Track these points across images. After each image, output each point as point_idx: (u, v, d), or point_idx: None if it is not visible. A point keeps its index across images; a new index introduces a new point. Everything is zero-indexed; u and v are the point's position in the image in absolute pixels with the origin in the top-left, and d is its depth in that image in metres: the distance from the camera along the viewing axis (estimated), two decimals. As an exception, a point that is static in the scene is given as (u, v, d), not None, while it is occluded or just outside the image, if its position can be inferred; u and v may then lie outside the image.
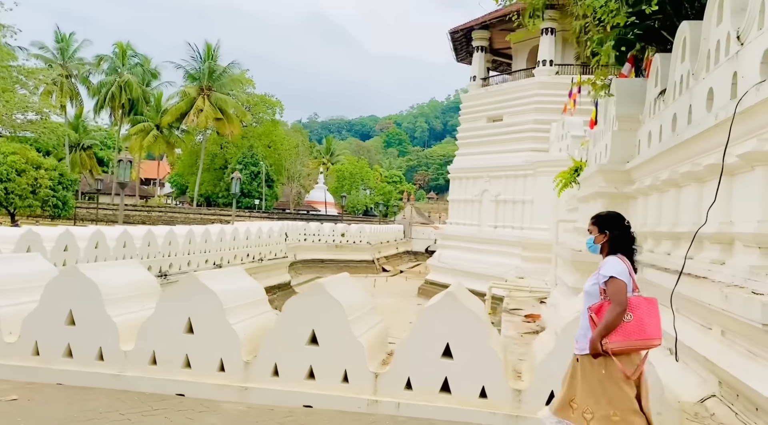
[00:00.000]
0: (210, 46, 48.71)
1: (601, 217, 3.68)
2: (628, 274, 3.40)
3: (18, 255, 7.71)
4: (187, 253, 15.63)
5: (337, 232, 35.32)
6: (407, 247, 47.70)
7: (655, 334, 3.29)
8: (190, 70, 48.66)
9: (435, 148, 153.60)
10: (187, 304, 4.57)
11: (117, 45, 48.90)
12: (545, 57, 23.16)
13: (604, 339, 3.23)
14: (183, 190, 73.45)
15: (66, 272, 4.94)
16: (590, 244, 3.68)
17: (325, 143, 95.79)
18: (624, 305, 3.27)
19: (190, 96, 47.07)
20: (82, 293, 4.73)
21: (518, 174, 22.72)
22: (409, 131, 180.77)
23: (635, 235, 3.67)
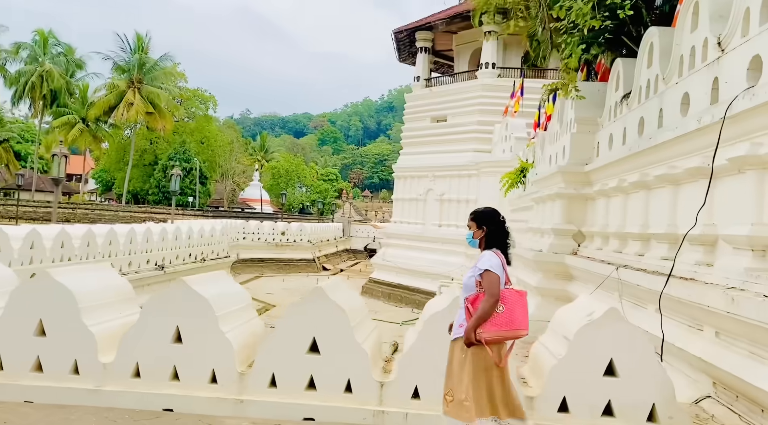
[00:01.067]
0: (140, 37, 46.57)
1: (480, 213, 3.81)
2: (502, 268, 3.56)
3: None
4: (128, 253, 14.83)
5: (278, 230, 34.68)
6: (346, 245, 47.52)
7: (523, 325, 3.47)
8: (119, 61, 46.32)
9: (370, 147, 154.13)
10: (176, 311, 4.26)
11: (38, 32, 45.80)
12: (488, 60, 23.63)
13: (478, 329, 3.38)
14: (109, 186, 69.99)
15: (35, 277, 4.49)
16: (469, 239, 3.81)
17: (259, 140, 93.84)
18: (497, 297, 3.43)
19: (119, 89, 44.82)
20: (53, 301, 4.32)
21: (462, 174, 23.06)
22: (344, 130, 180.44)
23: (509, 230, 3.82)
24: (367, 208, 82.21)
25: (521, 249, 12.03)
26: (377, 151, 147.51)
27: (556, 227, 9.39)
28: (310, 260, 36.03)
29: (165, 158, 56.87)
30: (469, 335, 3.43)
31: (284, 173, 76.80)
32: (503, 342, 3.50)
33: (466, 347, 3.45)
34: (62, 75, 44.97)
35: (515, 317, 3.45)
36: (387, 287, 24.97)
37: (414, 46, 28.05)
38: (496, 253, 3.61)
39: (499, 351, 3.46)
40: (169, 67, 50.47)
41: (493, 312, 3.41)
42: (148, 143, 57.71)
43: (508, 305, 3.45)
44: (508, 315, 3.43)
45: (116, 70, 46.75)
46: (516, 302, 3.50)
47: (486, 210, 3.85)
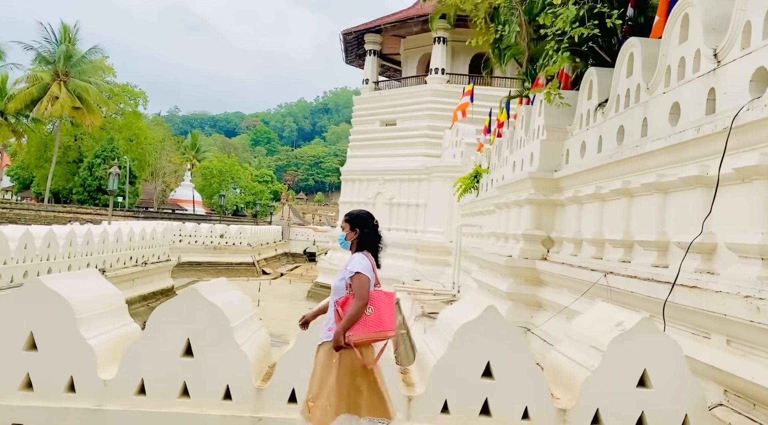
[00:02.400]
0: (67, 28, 43.89)
1: (354, 216, 3.85)
2: (372, 270, 3.60)
3: None
4: (67, 256, 13.87)
5: (216, 233, 33.62)
6: (285, 249, 46.80)
7: (390, 326, 3.52)
8: (44, 52, 43.46)
9: (305, 148, 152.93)
10: (188, 322, 3.93)
11: (-50, 16, 42.24)
12: (438, 65, 23.89)
13: (348, 332, 3.40)
14: (26, 184, 65.71)
15: (25, 285, 4.02)
16: (342, 240, 3.84)
17: (190, 139, 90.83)
18: (366, 300, 3.45)
19: (43, 81, 42.03)
20: (46, 311, 3.89)
21: (413, 178, 23.18)
22: (278, 130, 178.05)
23: (381, 233, 3.88)
24: (304, 211, 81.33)
25: (483, 253, 12.18)
26: (313, 153, 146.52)
27: (526, 233, 9.51)
28: (249, 263, 35.17)
29: (91, 155, 53.91)
30: (338, 338, 3.42)
31: (217, 174, 74.68)
32: (371, 344, 3.52)
33: (335, 350, 3.44)
34: (-23, 64, 41.73)
35: (384, 319, 3.48)
36: (334, 291, 24.70)
37: (361, 49, 27.99)
38: (366, 255, 3.64)
39: (366, 352, 3.47)
40: (98, 60, 47.96)
41: (362, 315, 3.43)
42: (72, 139, 54.55)
43: (377, 307, 3.48)
44: (377, 317, 3.46)
45: (40, 61, 43.87)
46: (384, 304, 3.52)
47: (360, 213, 3.88)
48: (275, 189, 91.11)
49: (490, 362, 4.02)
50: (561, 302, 8.13)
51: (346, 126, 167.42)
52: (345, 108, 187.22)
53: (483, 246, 13.00)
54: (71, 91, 42.05)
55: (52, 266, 13.29)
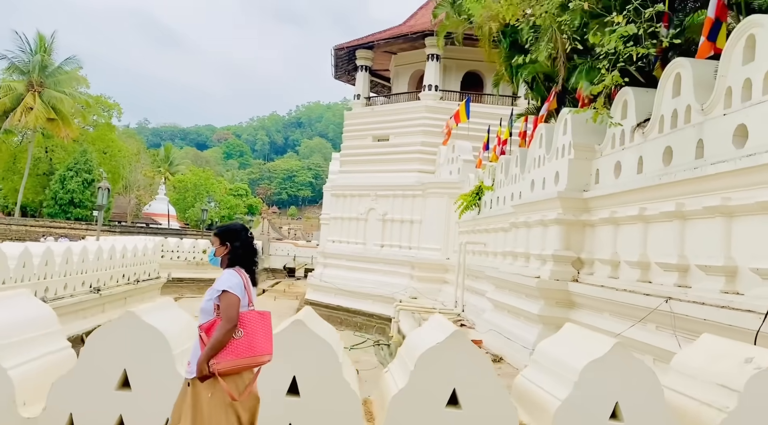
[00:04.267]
0: (43, 38, 42.76)
1: (223, 229, 3.60)
2: (244, 288, 3.31)
3: None
4: (63, 274, 13.28)
5: (199, 248, 32.83)
6: (265, 264, 45.97)
7: (265, 350, 3.20)
8: (17, 62, 42.22)
9: (278, 162, 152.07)
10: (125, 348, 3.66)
11: None
12: (431, 82, 23.95)
13: (212, 360, 3.08)
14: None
15: None
16: (211, 256, 3.59)
17: (163, 151, 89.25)
18: (234, 321, 3.14)
19: (17, 91, 40.77)
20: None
21: (407, 194, 23.06)
22: (249, 144, 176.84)
23: (257, 247, 3.65)
24: (278, 224, 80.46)
25: (501, 273, 12.06)
26: (286, 166, 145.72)
27: (556, 254, 9.43)
28: (233, 279, 34.38)
29: (63, 168, 52.42)
30: (201, 367, 3.07)
31: (192, 187, 73.48)
32: (243, 372, 3.17)
33: (200, 382, 3.10)
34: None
35: (256, 343, 3.16)
36: (325, 309, 24.23)
37: (351, 64, 27.94)
38: (238, 272, 3.36)
39: (237, 383, 3.13)
40: (72, 71, 46.82)
41: (229, 339, 3.10)
42: (42, 151, 53.01)
43: (248, 329, 3.16)
44: (248, 341, 3.14)
45: (12, 71, 42.58)
46: (257, 326, 3.21)
47: (231, 226, 3.62)
48: (250, 203, 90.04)
49: (456, 390, 3.81)
50: (600, 326, 8.01)
51: (319, 140, 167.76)
52: (317, 122, 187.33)
53: (498, 265, 12.89)
54: (46, 102, 40.91)
55: (49, 286, 12.70)
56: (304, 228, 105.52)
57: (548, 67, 10.31)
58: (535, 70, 11.74)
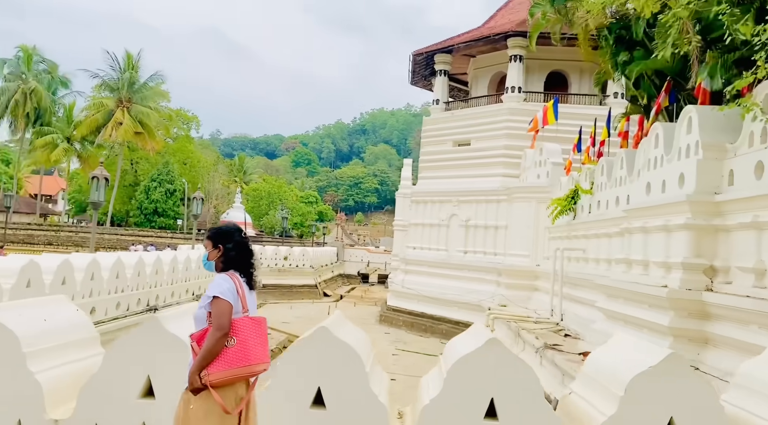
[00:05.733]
0: (130, 56, 45.25)
1: (215, 231, 3.37)
2: (236, 293, 3.10)
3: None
4: (170, 283, 13.75)
5: (280, 255, 33.57)
6: (340, 270, 46.52)
7: (260, 358, 3.02)
8: (108, 79, 44.79)
9: (344, 169, 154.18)
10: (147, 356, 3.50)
11: (21, 48, 44.04)
12: (513, 84, 23.41)
13: (204, 371, 2.91)
14: (83, 208, 67.42)
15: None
16: (204, 260, 3.35)
17: (237, 161, 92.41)
18: (225, 329, 2.94)
19: (108, 108, 43.26)
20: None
21: (490, 199, 22.59)
22: (316, 151, 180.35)
23: (253, 250, 3.37)
24: (350, 231, 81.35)
25: (615, 282, 11.47)
26: (352, 173, 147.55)
27: (686, 262, 8.81)
28: (312, 286, 34.97)
29: (147, 179, 55.15)
30: (192, 378, 2.91)
31: (265, 195, 75.54)
32: (237, 383, 2.99)
33: (193, 395, 2.93)
34: (48, 93, 43.16)
35: (250, 351, 2.98)
36: (409, 316, 24.14)
37: (429, 69, 27.81)
38: (231, 276, 3.16)
39: (231, 394, 2.95)
40: (156, 86, 49.24)
41: (221, 348, 2.93)
42: (129, 163, 55.97)
43: (241, 336, 2.98)
44: (241, 349, 2.96)
45: (103, 88, 45.20)
46: (251, 333, 3.01)
47: (223, 227, 3.40)
48: (320, 210, 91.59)
49: (495, 400, 3.47)
50: (747, 339, 7.41)
51: (383, 147, 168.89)
52: (381, 129, 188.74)
53: (605, 273, 12.29)
54: (133, 117, 43.12)
55: (160, 294, 13.15)
56: (371, 234, 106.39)
57: (667, 62, 9.72)
58: (647, 67, 11.13)
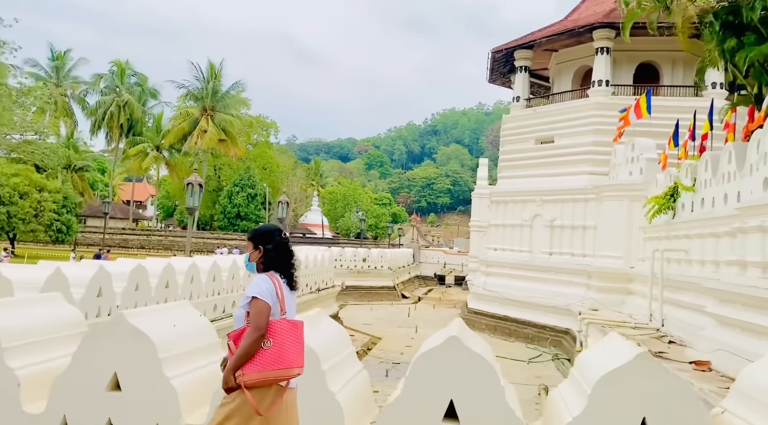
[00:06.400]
0: (213, 66, 47.26)
1: (256, 231, 3.37)
2: (275, 294, 3.08)
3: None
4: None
5: (359, 257, 33.86)
6: (417, 272, 46.43)
7: (295, 362, 3.00)
8: (193, 89, 46.95)
9: (417, 170, 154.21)
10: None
11: (115, 63, 46.99)
12: (600, 77, 22.44)
13: (239, 371, 2.92)
14: (170, 213, 70.97)
15: (110, 321, 3.72)
16: (246, 262, 3.36)
17: (313, 165, 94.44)
18: (262, 330, 2.95)
19: (193, 116, 45.35)
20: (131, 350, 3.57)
21: (578, 198, 21.74)
22: (388, 153, 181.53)
23: (293, 251, 3.33)
24: (424, 232, 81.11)
25: (730, 285, 10.66)
26: (424, 175, 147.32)
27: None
28: (390, 287, 35.04)
29: (230, 184, 57.27)
30: (227, 378, 2.93)
31: (341, 198, 76.67)
32: (272, 385, 2.96)
33: (226, 393, 2.96)
34: (139, 104, 45.78)
35: (285, 354, 2.97)
36: (491, 319, 23.64)
37: (508, 66, 27.20)
38: (271, 277, 3.15)
39: (265, 396, 2.93)
40: (237, 94, 51.05)
41: (257, 349, 2.93)
42: (212, 169, 58.34)
43: (278, 338, 2.97)
44: (277, 351, 2.96)
45: (188, 98, 47.41)
46: (287, 335, 3.00)
47: (263, 228, 3.41)
48: (394, 212, 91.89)
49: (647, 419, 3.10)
50: None
51: (455, 147, 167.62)
52: (453, 129, 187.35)
53: (712, 275, 11.45)
54: (217, 125, 44.90)
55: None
56: (444, 235, 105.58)
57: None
58: (760, 53, 10.26)
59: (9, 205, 29.19)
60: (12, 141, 35.50)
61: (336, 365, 3.94)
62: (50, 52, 45.11)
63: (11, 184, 29.77)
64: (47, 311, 4.11)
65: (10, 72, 36.84)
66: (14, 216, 29.30)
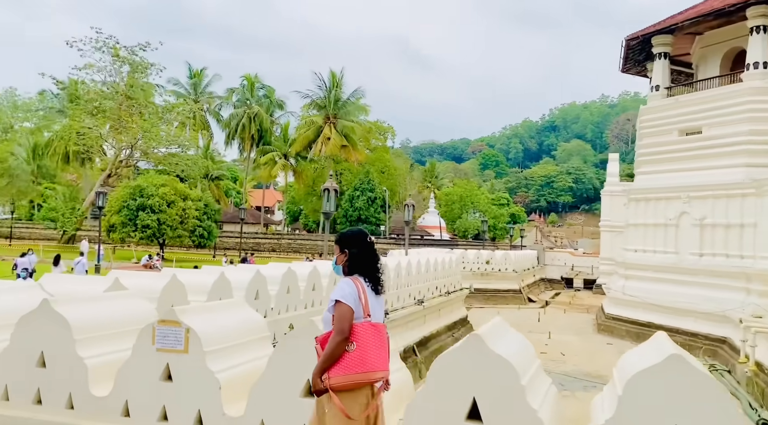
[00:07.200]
0: (334, 74, 48.90)
1: (342, 235, 3.40)
2: (358, 298, 3.08)
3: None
4: (396, 288, 14.13)
5: (482, 259, 33.18)
6: (542, 274, 44.69)
7: (377, 366, 3.01)
8: (316, 98, 48.89)
9: (535, 168, 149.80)
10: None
11: (245, 77, 50.14)
12: (756, 59, 20.16)
13: (325, 374, 2.95)
14: (295, 217, 74.31)
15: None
16: (333, 264, 3.36)
17: (428, 167, 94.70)
18: (345, 334, 2.97)
19: (317, 124, 47.19)
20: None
21: (733, 194, 19.66)
22: (503, 152, 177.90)
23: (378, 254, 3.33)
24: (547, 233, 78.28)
25: None
26: (543, 173, 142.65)
27: None
28: (516, 290, 33.95)
29: (350, 188, 58.89)
30: (314, 381, 3.01)
31: (458, 199, 76.08)
32: (360, 388, 2.99)
33: (316, 396, 3.02)
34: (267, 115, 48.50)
35: (368, 357, 3.00)
36: (632, 326, 22.05)
37: (643, 53, 25.33)
38: (354, 280, 3.18)
39: (355, 400, 2.95)
40: (357, 101, 52.36)
41: (341, 352, 2.97)
42: (334, 174, 60.38)
43: (360, 342, 3.00)
44: (360, 354, 2.99)
45: (311, 107, 49.39)
46: (370, 339, 3.03)
47: (350, 231, 3.42)
48: (512, 212, 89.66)
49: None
50: None
51: (577, 142, 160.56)
52: (573, 123, 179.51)
53: None
54: (339, 132, 46.32)
55: (388, 298, 13.53)
56: (567, 235, 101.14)
57: None
58: None
59: (159, 213, 32.05)
60: (158, 154, 39.07)
61: (531, 379, 3.67)
62: (188, 70, 49.21)
63: (160, 194, 32.66)
64: (237, 316, 4.24)
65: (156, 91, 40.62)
66: (164, 223, 32.11)
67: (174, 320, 3.69)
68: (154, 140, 36.35)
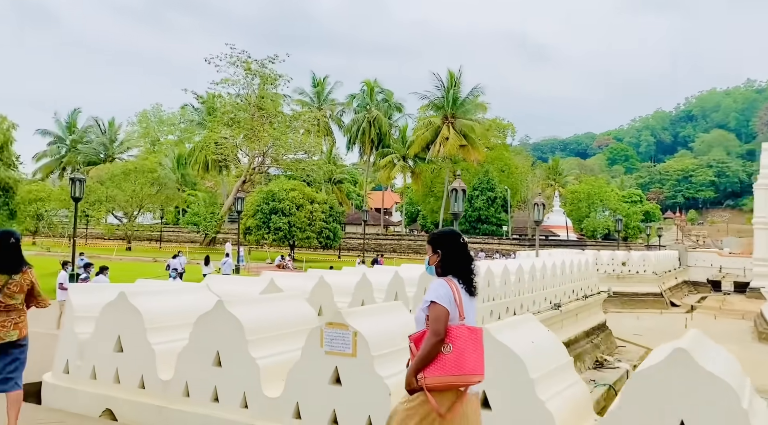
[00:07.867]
0: (452, 74, 48.50)
1: (434, 235, 3.33)
2: (452, 299, 3.05)
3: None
4: (531, 291, 13.54)
5: (617, 260, 31.14)
6: (684, 276, 41.12)
7: (475, 369, 2.97)
8: (434, 99, 48.83)
9: (670, 162, 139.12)
10: None
11: (365, 83, 51.26)
12: None
13: (420, 373, 2.95)
14: (413, 218, 74.74)
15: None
16: (426, 265, 3.30)
17: (551, 164, 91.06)
18: (441, 335, 2.95)
19: (435, 125, 47.09)
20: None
21: None
22: (633, 146, 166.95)
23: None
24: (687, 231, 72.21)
25: None
26: (679, 166, 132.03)
27: None
28: (656, 294, 31.46)
29: (469, 188, 58.05)
30: (409, 380, 2.97)
31: (584, 197, 72.30)
32: (453, 390, 2.95)
33: (409, 394, 3.00)
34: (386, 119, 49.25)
35: (465, 360, 2.93)
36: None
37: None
38: (448, 281, 3.11)
39: (447, 399, 2.92)
40: (475, 99, 51.52)
41: (437, 353, 2.93)
42: (452, 174, 59.87)
43: (457, 344, 2.94)
44: (457, 357, 2.93)
45: (429, 107, 49.35)
46: (467, 342, 2.96)
47: (442, 231, 3.35)
48: (646, 209, 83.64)
49: None
50: None
51: (718, 132, 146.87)
52: (714, 112, 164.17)
53: None
54: (458, 131, 45.82)
55: (523, 302, 13.03)
56: (710, 234, 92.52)
57: None
58: None
59: (289, 216, 33.61)
60: (287, 160, 41.03)
61: (547, 374, 3.72)
62: (312, 79, 51.28)
63: (290, 197, 34.24)
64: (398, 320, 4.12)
65: (284, 101, 42.75)
66: (293, 225, 33.64)
67: (341, 322, 3.60)
68: (283, 147, 38.19)
